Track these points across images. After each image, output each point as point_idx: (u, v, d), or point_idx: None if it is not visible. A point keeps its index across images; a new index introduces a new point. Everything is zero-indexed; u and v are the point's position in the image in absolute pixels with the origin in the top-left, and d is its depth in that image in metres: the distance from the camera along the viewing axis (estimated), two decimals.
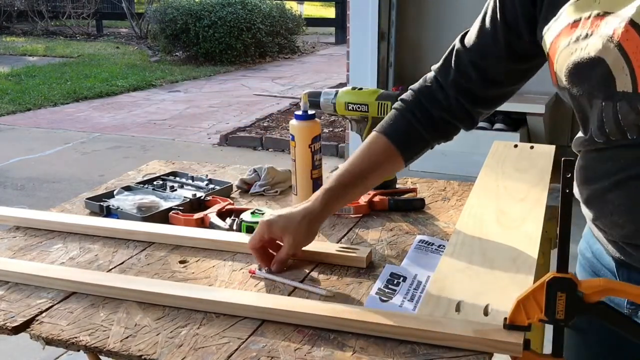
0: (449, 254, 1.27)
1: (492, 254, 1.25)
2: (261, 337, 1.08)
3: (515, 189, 1.54)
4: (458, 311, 1.08)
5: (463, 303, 1.09)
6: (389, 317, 1.08)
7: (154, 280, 1.28)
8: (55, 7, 13.89)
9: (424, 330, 1.03)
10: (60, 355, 2.68)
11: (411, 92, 1.35)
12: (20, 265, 1.32)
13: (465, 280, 1.17)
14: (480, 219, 1.40)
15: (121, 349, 1.06)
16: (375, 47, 4.79)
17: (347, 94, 1.66)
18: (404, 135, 1.34)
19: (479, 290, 1.13)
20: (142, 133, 6.30)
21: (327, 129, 5.87)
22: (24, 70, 9.33)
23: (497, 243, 1.30)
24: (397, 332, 1.05)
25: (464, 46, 1.28)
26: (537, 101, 4.45)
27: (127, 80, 8.64)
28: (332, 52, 11.70)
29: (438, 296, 1.13)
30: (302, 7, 14.77)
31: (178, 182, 1.82)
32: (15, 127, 6.60)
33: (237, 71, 9.71)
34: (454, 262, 1.24)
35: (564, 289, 0.96)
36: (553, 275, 0.96)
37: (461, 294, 1.13)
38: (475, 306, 1.09)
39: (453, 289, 1.15)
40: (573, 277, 0.95)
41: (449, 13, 4.93)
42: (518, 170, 1.65)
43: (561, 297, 0.96)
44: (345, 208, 1.59)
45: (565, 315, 0.96)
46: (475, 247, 1.28)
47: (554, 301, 0.96)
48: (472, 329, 1.02)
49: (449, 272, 1.21)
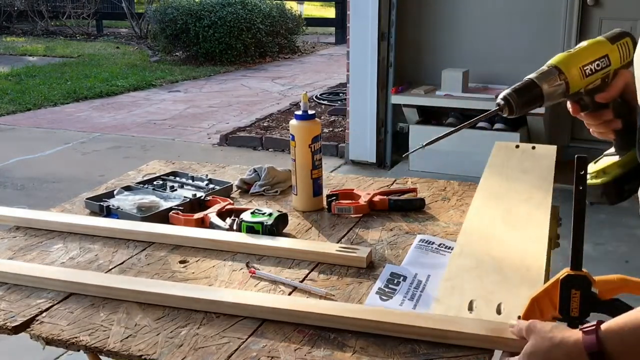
0: (458, 254, 1.28)
1: (500, 254, 1.25)
2: (261, 337, 1.08)
3: (519, 189, 1.54)
4: (471, 310, 1.08)
5: (475, 302, 1.09)
6: (401, 317, 1.08)
7: (152, 280, 1.28)
8: (55, 7, 13.87)
9: (440, 330, 1.03)
10: (60, 355, 2.68)
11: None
12: (18, 267, 1.31)
13: (476, 279, 1.18)
14: (486, 219, 1.40)
15: (121, 349, 1.06)
16: (375, 47, 4.79)
17: (570, 57, 1.06)
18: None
19: (490, 289, 1.13)
20: (142, 133, 6.30)
21: (327, 129, 5.87)
22: (24, 70, 9.32)
23: (505, 243, 1.30)
24: (409, 331, 1.05)
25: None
26: None
27: (127, 80, 8.63)
28: (332, 52, 11.69)
29: (450, 295, 1.14)
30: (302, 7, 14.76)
31: (178, 182, 1.82)
32: (15, 127, 6.59)
33: (237, 71, 9.69)
34: (463, 262, 1.24)
35: (578, 287, 0.95)
36: (567, 273, 0.95)
37: (473, 293, 1.13)
38: (488, 305, 1.09)
39: (464, 288, 1.15)
40: (587, 275, 0.95)
41: (449, 13, 4.93)
42: (522, 171, 1.65)
43: (575, 295, 0.95)
44: (345, 208, 1.59)
45: (580, 312, 0.96)
46: (483, 247, 1.28)
47: (568, 299, 0.96)
48: (487, 328, 1.02)
49: (458, 271, 1.21)
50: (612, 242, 3.41)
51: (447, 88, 4.67)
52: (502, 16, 4.80)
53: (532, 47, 4.71)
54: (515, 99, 1.01)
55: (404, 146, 4.80)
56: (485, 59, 4.87)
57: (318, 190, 1.63)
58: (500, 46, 4.83)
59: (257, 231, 1.46)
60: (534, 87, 1.01)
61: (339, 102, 7.03)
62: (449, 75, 4.68)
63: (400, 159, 4.98)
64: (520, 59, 4.78)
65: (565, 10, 4.59)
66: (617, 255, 3.34)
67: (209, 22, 9.71)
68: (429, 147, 1.07)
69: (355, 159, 5.07)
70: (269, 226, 1.45)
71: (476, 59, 4.88)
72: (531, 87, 1.01)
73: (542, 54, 5.19)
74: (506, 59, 4.82)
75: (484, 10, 4.85)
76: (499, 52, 4.83)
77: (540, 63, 1.13)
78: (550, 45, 4.65)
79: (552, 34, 4.65)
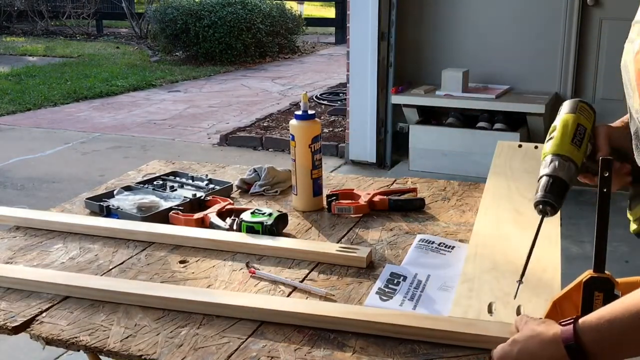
0: (472, 256, 1.27)
1: (514, 255, 1.24)
2: (261, 337, 1.08)
3: (526, 189, 1.54)
4: (491, 313, 1.07)
5: (495, 305, 1.09)
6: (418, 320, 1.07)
7: (150, 283, 1.27)
8: (55, 7, 13.87)
9: (460, 333, 1.03)
10: (60, 355, 2.68)
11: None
12: (14, 271, 1.31)
13: (493, 281, 1.17)
14: (496, 220, 1.40)
15: (121, 349, 1.05)
16: (375, 47, 4.79)
17: (559, 140, 1.14)
18: None
19: (507, 291, 1.12)
20: (142, 133, 6.29)
21: (327, 129, 5.87)
22: (24, 70, 9.31)
23: (518, 244, 1.29)
24: (428, 334, 1.04)
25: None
26: (537, 101, 4.45)
27: (127, 80, 8.63)
28: (332, 52, 11.69)
29: (468, 297, 1.13)
30: (302, 7, 14.75)
31: (178, 182, 1.82)
32: (15, 127, 6.59)
33: (237, 71, 9.69)
34: (478, 264, 1.24)
35: (601, 289, 0.94)
36: (590, 275, 0.95)
37: (491, 296, 1.12)
38: (506, 307, 1.08)
39: (482, 290, 1.15)
40: (610, 277, 0.94)
41: (449, 13, 4.93)
42: (526, 171, 1.65)
43: (598, 297, 0.94)
44: (345, 208, 1.59)
45: None
46: (497, 249, 1.28)
47: (591, 301, 0.95)
48: (509, 331, 1.01)
49: (475, 273, 1.21)
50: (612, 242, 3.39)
51: (447, 88, 4.67)
52: (502, 16, 4.80)
53: (532, 47, 4.71)
54: (553, 198, 1.06)
55: (404, 146, 4.80)
56: (485, 59, 4.87)
57: (318, 190, 1.63)
58: (500, 46, 4.82)
59: (257, 231, 1.46)
60: (557, 180, 1.06)
61: (339, 102, 7.02)
62: (449, 75, 4.68)
63: (400, 159, 4.98)
64: (520, 59, 4.78)
65: (565, 10, 4.59)
66: (617, 255, 3.34)
67: (209, 22, 9.71)
68: (429, 147, 1.08)
69: (355, 159, 5.07)
70: (269, 226, 1.45)
71: (476, 59, 4.88)
72: (555, 181, 1.07)
73: (542, 53, 5.20)
74: (506, 59, 4.82)
75: (484, 10, 4.85)
76: (499, 52, 4.83)
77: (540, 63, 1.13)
78: (550, 45, 4.65)
79: (552, 33, 4.65)
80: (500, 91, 4.66)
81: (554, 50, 4.67)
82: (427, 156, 4.61)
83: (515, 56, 4.79)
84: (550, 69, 4.70)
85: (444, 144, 4.58)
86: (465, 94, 4.64)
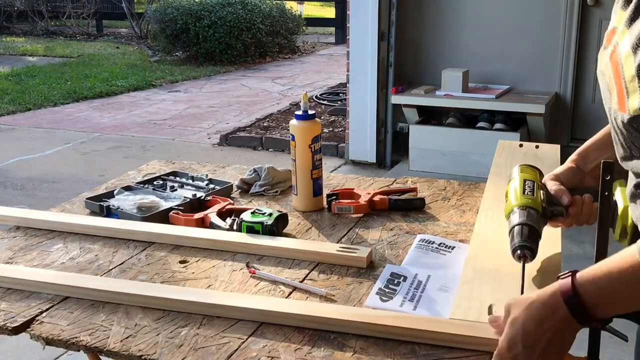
0: (473, 257, 1.27)
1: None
2: (261, 337, 1.08)
3: None
4: (491, 314, 1.07)
5: (495, 306, 1.08)
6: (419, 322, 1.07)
7: (150, 283, 1.27)
8: (55, 7, 13.87)
9: (461, 336, 1.03)
10: (60, 355, 2.68)
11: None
12: (14, 271, 1.30)
13: (494, 282, 1.17)
14: (497, 220, 1.39)
15: (121, 349, 1.05)
16: (375, 47, 4.79)
17: (515, 196, 1.25)
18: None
19: (508, 292, 1.12)
20: (142, 133, 6.29)
21: (327, 129, 5.87)
22: (24, 70, 9.31)
23: None
24: (429, 337, 1.04)
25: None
26: (537, 101, 4.46)
27: (127, 80, 8.63)
28: (332, 52, 11.69)
29: (469, 299, 1.13)
30: (302, 7, 14.75)
31: (178, 182, 1.82)
32: (15, 127, 6.59)
33: (237, 71, 9.69)
34: (479, 265, 1.24)
35: None
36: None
37: (491, 297, 1.12)
38: None
39: (482, 291, 1.14)
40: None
41: (449, 13, 4.93)
42: None
43: None
44: (345, 207, 1.59)
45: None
46: (498, 249, 1.27)
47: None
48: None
49: (476, 274, 1.20)
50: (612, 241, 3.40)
51: (447, 88, 4.67)
52: (502, 16, 4.80)
53: (532, 47, 4.71)
54: (532, 244, 1.13)
55: (404, 146, 4.80)
56: (485, 59, 4.87)
57: (318, 190, 1.63)
58: (500, 46, 4.83)
59: (257, 231, 1.46)
60: (526, 226, 1.15)
61: (339, 102, 7.03)
62: (449, 75, 4.68)
63: (400, 159, 4.98)
64: (520, 59, 4.78)
65: (565, 10, 4.59)
66: None
67: (209, 22, 9.71)
68: (429, 147, 1.08)
69: (355, 159, 5.07)
70: (269, 226, 1.45)
71: (476, 59, 4.88)
72: (531, 230, 1.15)
73: (542, 53, 5.20)
74: (506, 59, 4.82)
75: (484, 10, 4.85)
76: (499, 52, 4.84)
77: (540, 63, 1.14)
78: (550, 45, 4.66)
79: (552, 33, 4.65)
80: (500, 91, 4.66)
81: (554, 50, 4.67)
82: (427, 156, 4.61)
83: (515, 56, 4.79)
84: (550, 69, 4.70)
85: (444, 144, 4.58)
86: (465, 94, 4.65)
